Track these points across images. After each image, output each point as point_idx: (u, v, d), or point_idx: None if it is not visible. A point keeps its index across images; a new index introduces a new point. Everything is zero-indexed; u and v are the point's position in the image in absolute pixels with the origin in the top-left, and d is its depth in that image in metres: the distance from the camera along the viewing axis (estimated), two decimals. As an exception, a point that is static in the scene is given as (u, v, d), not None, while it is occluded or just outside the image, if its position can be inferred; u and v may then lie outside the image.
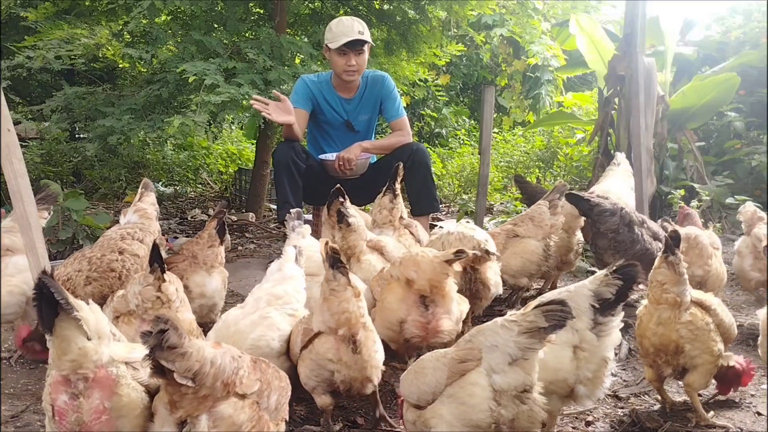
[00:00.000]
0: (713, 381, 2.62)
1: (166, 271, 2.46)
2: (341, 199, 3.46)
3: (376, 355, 2.34)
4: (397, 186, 3.90)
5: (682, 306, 2.46)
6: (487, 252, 3.03)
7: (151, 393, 1.89)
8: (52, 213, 3.54)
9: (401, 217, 3.85)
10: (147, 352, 1.64)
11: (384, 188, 3.88)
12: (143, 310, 2.39)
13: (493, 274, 3.15)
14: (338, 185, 3.55)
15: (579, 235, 4.04)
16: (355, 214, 3.42)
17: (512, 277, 3.66)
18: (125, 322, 2.43)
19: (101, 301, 2.75)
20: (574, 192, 3.70)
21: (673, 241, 2.47)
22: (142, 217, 3.36)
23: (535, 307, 1.89)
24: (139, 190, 3.55)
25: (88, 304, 1.85)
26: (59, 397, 1.79)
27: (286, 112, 4.51)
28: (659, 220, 3.74)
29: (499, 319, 1.95)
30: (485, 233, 3.25)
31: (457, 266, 2.76)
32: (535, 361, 1.90)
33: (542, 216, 3.67)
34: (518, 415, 1.88)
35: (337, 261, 2.25)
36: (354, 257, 3.35)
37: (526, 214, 3.79)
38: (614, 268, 2.09)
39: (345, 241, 3.34)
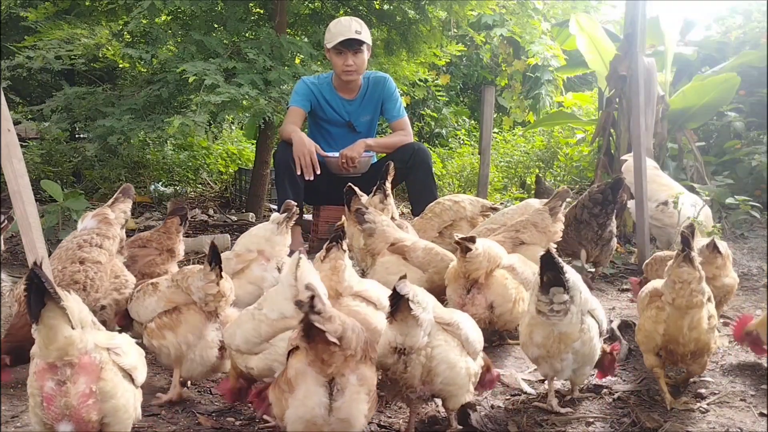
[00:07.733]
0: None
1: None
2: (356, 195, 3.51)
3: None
4: (388, 186, 3.87)
5: (707, 304, 2.44)
6: None
7: (132, 378, 2.04)
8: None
9: (392, 218, 3.80)
10: (302, 315, 1.84)
11: (374, 188, 3.86)
12: (204, 303, 2.62)
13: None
14: (349, 184, 3.55)
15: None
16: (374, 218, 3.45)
17: None
18: (194, 310, 2.62)
19: None
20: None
21: (691, 236, 2.40)
22: (100, 222, 3.20)
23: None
24: (116, 194, 3.38)
25: None
26: (46, 384, 1.88)
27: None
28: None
29: None
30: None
31: None
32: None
33: (545, 222, 3.61)
34: (395, 367, 2.17)
35: (336, 238, 2.44)
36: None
37: (527, 219, 3.68)
38: None
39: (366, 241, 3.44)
